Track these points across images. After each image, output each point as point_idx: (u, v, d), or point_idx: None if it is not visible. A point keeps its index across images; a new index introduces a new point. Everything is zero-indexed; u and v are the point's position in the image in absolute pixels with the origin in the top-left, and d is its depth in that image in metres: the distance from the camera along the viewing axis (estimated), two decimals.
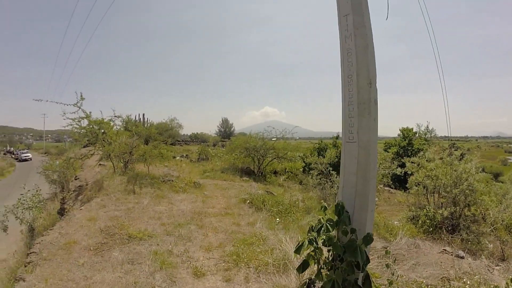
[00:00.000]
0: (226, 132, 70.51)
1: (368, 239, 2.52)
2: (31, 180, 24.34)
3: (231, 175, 14.17)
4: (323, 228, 2.65)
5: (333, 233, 2.65)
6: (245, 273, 4.21)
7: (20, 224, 9.31)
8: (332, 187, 9.62)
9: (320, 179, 10.60)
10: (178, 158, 22.67)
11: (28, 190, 9.87)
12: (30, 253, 5.11)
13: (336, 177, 9.59)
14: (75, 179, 12.74)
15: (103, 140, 11.18)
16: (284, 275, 3.92)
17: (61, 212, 8.63)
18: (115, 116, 12.53)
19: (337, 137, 18.07)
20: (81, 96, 10.73)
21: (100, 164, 12.75)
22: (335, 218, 2.68)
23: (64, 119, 10.88)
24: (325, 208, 2.80)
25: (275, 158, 15.96)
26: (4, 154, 61.92)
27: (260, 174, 15.73)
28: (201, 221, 6.70)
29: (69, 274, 4.17)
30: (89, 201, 7.95)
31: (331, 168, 10.61)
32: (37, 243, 5.44)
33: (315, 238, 2.72)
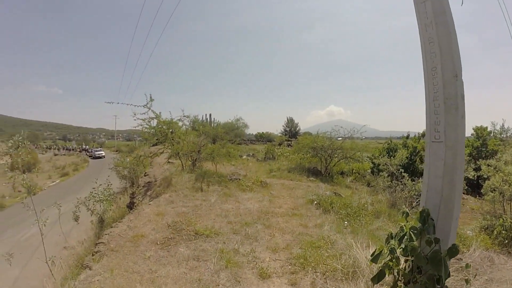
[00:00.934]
0: (291, 132, 71.93)
1: (454, 251, 2.41)
2: (102, 176, 27.21)
3: (297, 175, 14.34)
4: (406, 237, 2.57)
5: (416, 242, 2.55)
6: (311, 278, 4.13)
7: (91, 215, 10.32)
8: (403, 190, 9.38)
9: (391, 181, 10.24)
10: (244, 157, 23.38)
11: (100, 185, 11.00)
12: (99, 243, 5.61)
13: (407, 180, 9.43)
14: (145, 175, 13.84)
15: (172, 139, 12.02)
16: (352, 283, 3.79)
17: (130, 206, 9.44)
18: (184, 116, 13.34)
19: (407, 137, 17.28)
20: (151, 97, 11.65)
21: (169, 162, 13.64)
22: (419, 225, 2.59)
23: (135, 120, 11.93)
24: (407, 215, 2.72)
25: (342, 158, 16.05)
26: (80, 151, 70.39)
27: (327, 174, 15.73)
28: (268, 221, 6.76)
29: (134, 266, 4.43)
30: (158, 196, 8.47)
31: (402, 170, 10.36)
32: (105, 234, 5.95)
33: (395, 247, 2.64)
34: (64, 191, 24.83)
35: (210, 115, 35.90)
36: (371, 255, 2.80)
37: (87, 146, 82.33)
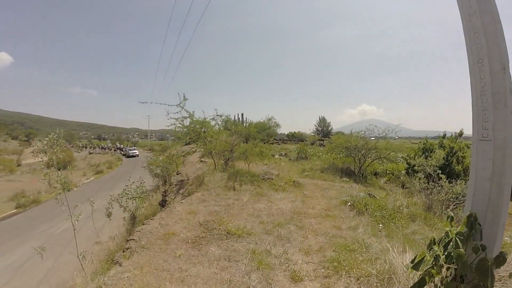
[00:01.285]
0: (323, 131, 73.41)
1: (501, 260, 2.26)
2: (135, 174, 28.16)
3: (330, 175, 14.23)
4: (451, 243, 2.45)
5: (462, 249, 2.41)
6: (345, 282, 4.01)
7: (123, 211, 10.68)
8: (440, 192, 8.96)
9: (428, 183, 9.82)
10: (277, 156, 23.39)
11: (133, 182, 11.35)
12: (130, 239, 5.71)
13: (445, 182, 9.03)
14: (177, 174, 14.11)
15: (205, 138, 12.18)
16: None
17: (162, 203, 9.64)
18: (217, 115, 13.46)
19: (444, 137, 16.54)
20: (184, 96, 11.81)
21: (201, 161, 13.84)
22: (465, 231, 2.46)
23: (168, 119, 12.16)
24: (452, 219, 2.63)
25: (376, 158, 15.79)
26: (115, 150, 73.10)
27: (360, 175, 15.52)
28: (300, 222, 6.68)
29: (164, 264, 4.44)
30: (190, 195, 8.56)
31: (440, 171, 9.92)
32: (137, 231, 6.05)
33: (439, 254, 2.52)
34: (97, 188, 25.87)
35: (242, 114, 36.13)
36: (412, 262, 2.68)
37: (122, 145, 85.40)
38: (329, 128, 76.44)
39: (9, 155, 52.84)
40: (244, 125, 27.49)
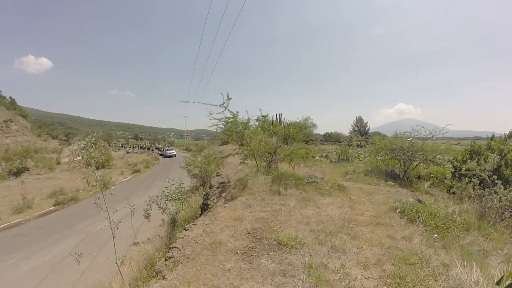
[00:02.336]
0: (360, 131, 72.09)
1: None
2: (172, 174, 28.48)
3: (375, 178, 13.71)
4: None
5: None
6: None
7: (162, 213, 10.49)
8: (493, 200, 8.29)
9: (484, 189, 8.96)
10: (317, 158, 22.76)
11: (172, 184, 11.16)
12: (172, 247, 5.39)
13: (500, 188, 8.40)
14: (217, 175, 13.84)
15: (249, 139, 11.78)
16: None
17: (204, 207, 9.32)
18: (262, 116, 13.11)
19: (492, 138, 15.20)
20: (228, 96, 11.38)
21: (241, 162, 13.52)
22: None
23: (210, 119, 11.86)
24: None
25: (423, 161, 14.97)
26: (152, 150, 74.57)
27: (406, 178, 14.67)
28: (352, 230, 6.32)
29: (213, 279, 4.05)
30: (233, 199, 8.21)
31: (495, 177, 9.27)
32: (179, 238, 5.71)
33: None
34: (135, 187, 26.20)
35: (280, 114, 35.82)
36: (497, 283, 2.15)
37: (160, 145, 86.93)
38: (366, 128, 76.14)
39: (49, 153, 55.09)
40: (283, 125, 27.13)
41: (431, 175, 15.91)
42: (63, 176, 32.45)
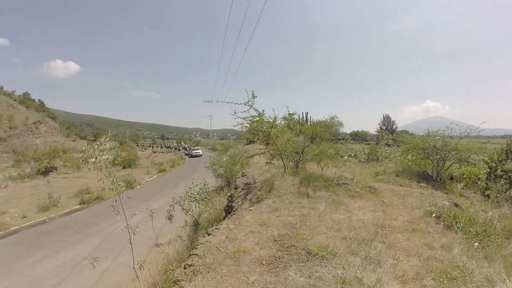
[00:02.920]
0: (387, 130, 70.73)
1: None
2: (197, 174, 28.46)
3: (407, 179, 13.04)
4: None
5: None
6: None
7: (185, 214, 10.32)
8: None
9: None
10: (345, 158, 22.06)
11: (196, 185, 10.85)
12: (193, 254, 5.01)
13: None
14: (242, 176, 13.43)
15: (276, 138, 11.26)
16: None
17: (228, 209, 8.92)
18: (289, 114, 12.61)
19: None
20: (253, 94, 10.77)
21: (267, 162, 13.05)
22: None
23: (235, 118, 11.31)
24: None
25: (456, 161, 14.12)
26: (179, 150, 75.16)
27: (439, 180, 13.83)
28: (386, 238, 5.81)
29: None
30: (259, 202, 7.79)
31: None
32: (201, 244, 5.34)
33: None
34: (160, 186, 26.27)
35: (307, 113, 35.13)
36: None
37: (186, 145, 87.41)
38: (394, 127, 74.75)
39: (77, 153, 56.62)
40: (309, 124, 26.51)
41: (464, 175, 15.03)
42: (90, 175, 32.99)
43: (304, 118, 34.15)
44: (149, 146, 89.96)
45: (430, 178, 14.06)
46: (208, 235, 6.00)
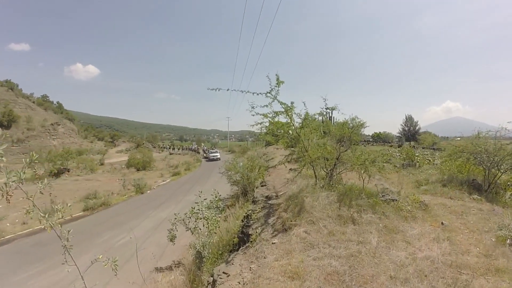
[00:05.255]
0: (410, 131, 69.46)
1: None
2: (212, 178, 26.66)
3: (456, 190, 10.93)
4: None
5: None
6: None
7: (192, 234, 8.50)
8: None
9: None
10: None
11: (205, 199, 8.70)
12: None
13: None
14: (261, 186, 11.19)
15: (305, 141, 8.54)
16: None
17: (243, 237, 6.63)
18: (327, 108, 9.42)
19: None
20: (278, 79, 7.64)
21: (291, 169, 10.88)
22: None
23: (253, 115, 8.10)
24: None
25: (510, 167, 11.68)
26: (198, 152, 73.02)
27: (491, 190, 11.58)
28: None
29: None
30: (286, 230, 5.64)
31: None
32: None
33: None
34: (172, 191, 24.37)
35: (332, 112, 32.74)
36: None
37: (206, 147, 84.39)
38: (417, 128, 71.57)
39: (94, 154, 55.95)
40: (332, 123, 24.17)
41: (508, 183, 12.60)
42: (103, 177, 31.67)
43: (328, 117, 31.59)
44: (170, 148, 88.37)
45: (481, 188, 11.76)
46: (213, 282, 3.95)
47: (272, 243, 5.06)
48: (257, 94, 7.78)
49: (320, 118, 9.71)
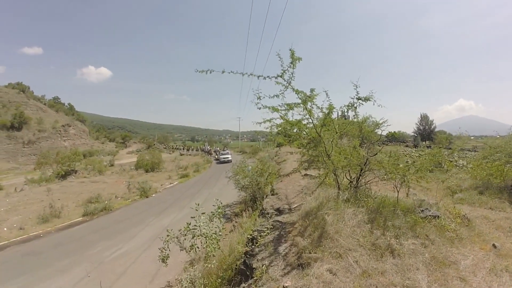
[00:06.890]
0: (426, 130, 69.07)
1: None
2: (221, 181, 25.24)
3: (495, 198, 9.33)
4: None
5: None
6: None
7: (188, 253, 7.17)
8: None
9: None
10: (400, 166, 17.98)
11: (203, 213, 7.16)
12: None
13: None
14: (272, 194, 9.66)
15: (327, 142, 6.63)
16: None
17: (245, 270, 5.00)
18: (358, 99, 6.65)
19: None
20: (293, 55, 5.80)
21: (306, 175, 9.37)
22: None
23: (259, 108, 6.19)
24: None
25: None
26: (210, 154, 71.53)
27: None
28: None
29: None
30: (301, 265, 4.10)
31: None
32: None
33: None
34: (178, 195, 22.90)
35: (347, 110, 30.79)
36: None
37: (218, 148, 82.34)
38: (432, 127, 71.16)
39: (105, 155, 55.45)
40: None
41: None
42: (110, 179, 30.66)
43: (343, 115, 29.35)
44: (183, 149, 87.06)
45: None
46: None
47: (284, 287, 3.58)
48: (264, 78, 5.89)
49: (352, 112, 7.59)
